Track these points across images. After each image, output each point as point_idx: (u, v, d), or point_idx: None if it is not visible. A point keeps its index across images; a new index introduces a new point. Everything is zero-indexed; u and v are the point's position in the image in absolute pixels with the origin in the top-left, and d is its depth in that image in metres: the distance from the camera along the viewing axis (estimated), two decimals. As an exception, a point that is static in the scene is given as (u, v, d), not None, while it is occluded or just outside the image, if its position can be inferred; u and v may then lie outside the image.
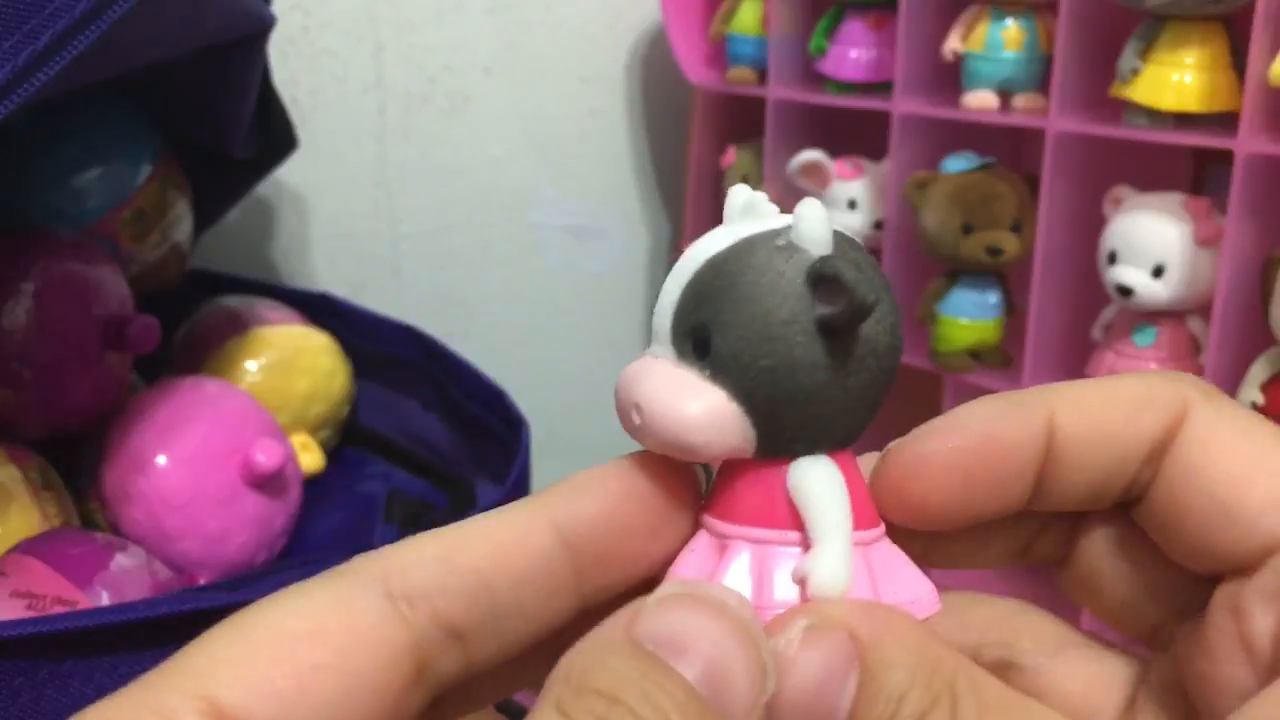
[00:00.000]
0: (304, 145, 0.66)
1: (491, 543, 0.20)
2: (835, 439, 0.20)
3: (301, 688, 0.18)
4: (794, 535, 0.20)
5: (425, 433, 0.61)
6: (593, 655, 0.18)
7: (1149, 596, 0.23)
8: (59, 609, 0.42)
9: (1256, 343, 0.57)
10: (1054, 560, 0.24)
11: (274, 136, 0.63)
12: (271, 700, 0.18)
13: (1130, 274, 0.61)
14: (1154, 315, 0.62)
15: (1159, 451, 0.21)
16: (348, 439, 0.64)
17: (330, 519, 0.57)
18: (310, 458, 0.57)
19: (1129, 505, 0.22)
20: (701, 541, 0.21)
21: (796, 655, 0.18)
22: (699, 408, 0.19)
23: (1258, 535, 0.20)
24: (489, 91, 0.81)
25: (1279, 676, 0.19)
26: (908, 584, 0.21)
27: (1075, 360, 0.67)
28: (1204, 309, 0.61)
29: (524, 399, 0.56)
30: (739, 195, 0.21)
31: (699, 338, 0.20)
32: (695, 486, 0.21)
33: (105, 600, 0.43)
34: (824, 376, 0.20)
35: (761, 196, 0.21)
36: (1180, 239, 0.59)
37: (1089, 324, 0.66)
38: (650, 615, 0.18)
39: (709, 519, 0.21)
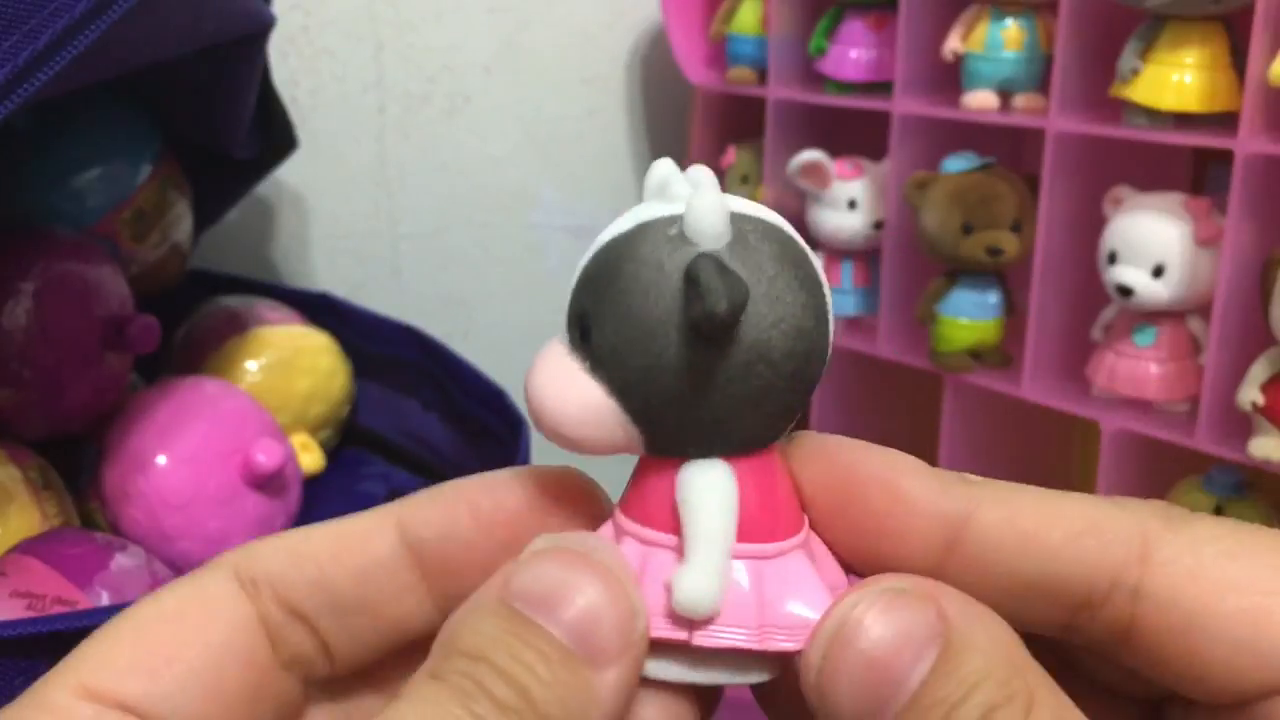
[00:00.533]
0: (304, 145, 0.66)
1: (333, 537, 0.21)
2: (732, 444, 0.19)
3: (167, 660, 0.19)
4: (671, 539, 0.19)
5: (425, 433, 0.61)
6: (463, 619, 0.19)
7: (1144, 691, 0.21)
8: (59, 609, 0.42)
9: (1257, 343, 0.57)
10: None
11: (274, 136, 0.63)
12: (141, 675, 0.19)
13: (1130, 274, 0.61)
14: (1154, 315, 0.62)
15: (1113, 593, 0.20)
16: (348, 439, 0.64)
17: (330, 519, 0.57)
18: (310, 458, 0.57)
19: (1102, 648, 0.21)
20: (605, 532, 0.20)
21: (876, 614, 0.18)
22: (575, 402, 0.19)
23: (1265, 675, 0.19)
24: (489, 91, 0.81)
25: None
26: (808, 605, 0.19)
27: (1075, 360, 0.67)
28: (1204, 309, 0.60)
29: (524, 399, 0.56)
30: (655, 172, 0.20)
31: (583, 326, 0.19)
32: (584, 509, 0.21)
33: (105, 600, 0.43)
34: (702, 381, 0.18)
35: (677, 174, 0.19)
36: (1180, 239, 0.59)
37: (1089, 324, 0.66)
38: (517, 573, 0.19)
39: (617, 511, 0.20)
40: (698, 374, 0.18)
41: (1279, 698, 0.19)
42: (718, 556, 0.19)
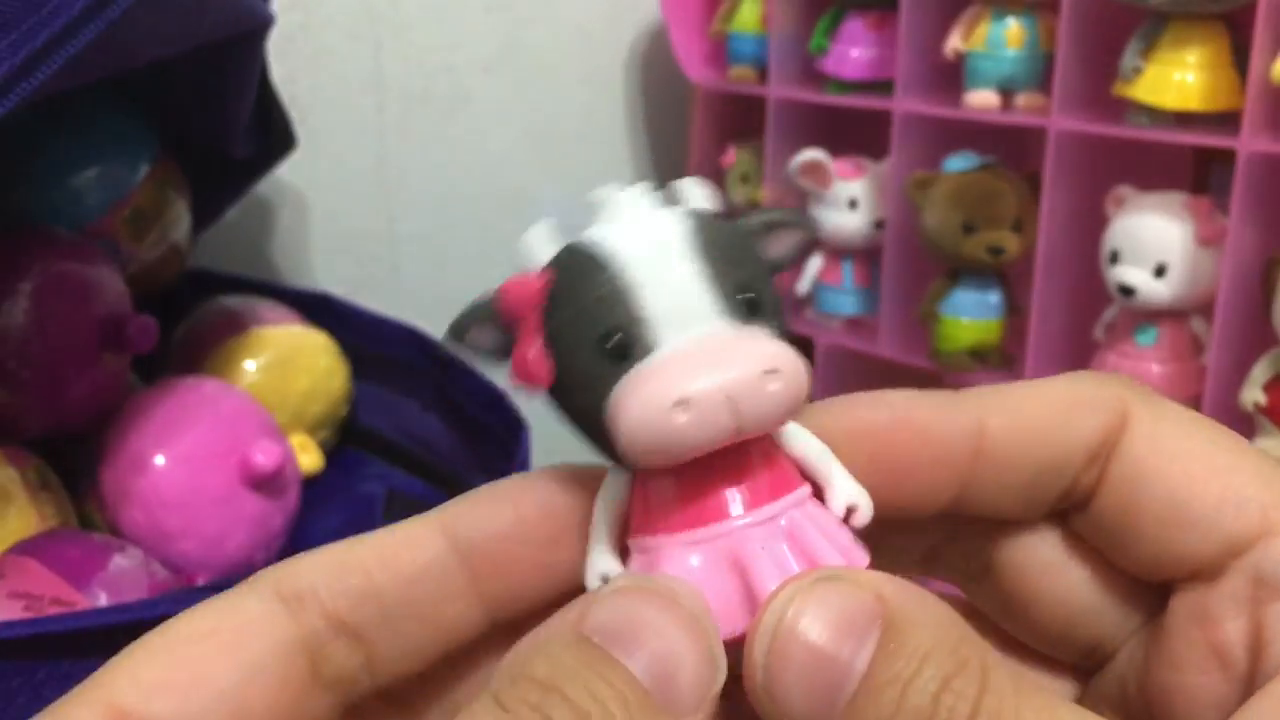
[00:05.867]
0: (303, 144, 0.66)
1: (379, 545, 0.21)
2: None
3: (196, 681, 0.19)
4: (805, 489, 0.20)
5: (425, 433, 0.61)
6: (537, 646, 0.18)
7: (1090, 611, 0.22)
8: (56, 610, 0.42)
9: (1259, 343, 0.57)
10: (965, 573, 0.23)
11: (273, 135, 0.62)
12: (169, 694, 0.18)
13: (1132, 274, 0.60)
14: (1156, 315, 0.62)
15: (1099, 456, 0.21)
16: (347, 439, 0.64)
17: (329, 519, 0.57)
18: (309, 458, 0.57)
19: (1065, 514, 0.22)
20: (635, 565, 0.20)
21: (812, 606, 0.18)
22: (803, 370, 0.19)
23: (1217, 536, 0.19)
24: (489, 90, 0.81)
25: (1258, 683, 0.19)
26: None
27: (1077, 360, 0.66)
28: (1206, 309, 0.60)
29: (524, 399, 0.56)
30: (611, 192, 0.21)
31: (749, 295, 0.19)
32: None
33: (103, 601, 0.43)
34: None
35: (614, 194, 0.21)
36: (1182, 238, 0.59)
37: (1091, 324, 0.66)
38: (598, 607, 0.18)
39: (642, 536, 0.20)
40: None
41: (1203, 592, 0.20)
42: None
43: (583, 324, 0.19)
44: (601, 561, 0.20)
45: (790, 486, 0.20)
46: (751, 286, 0.19)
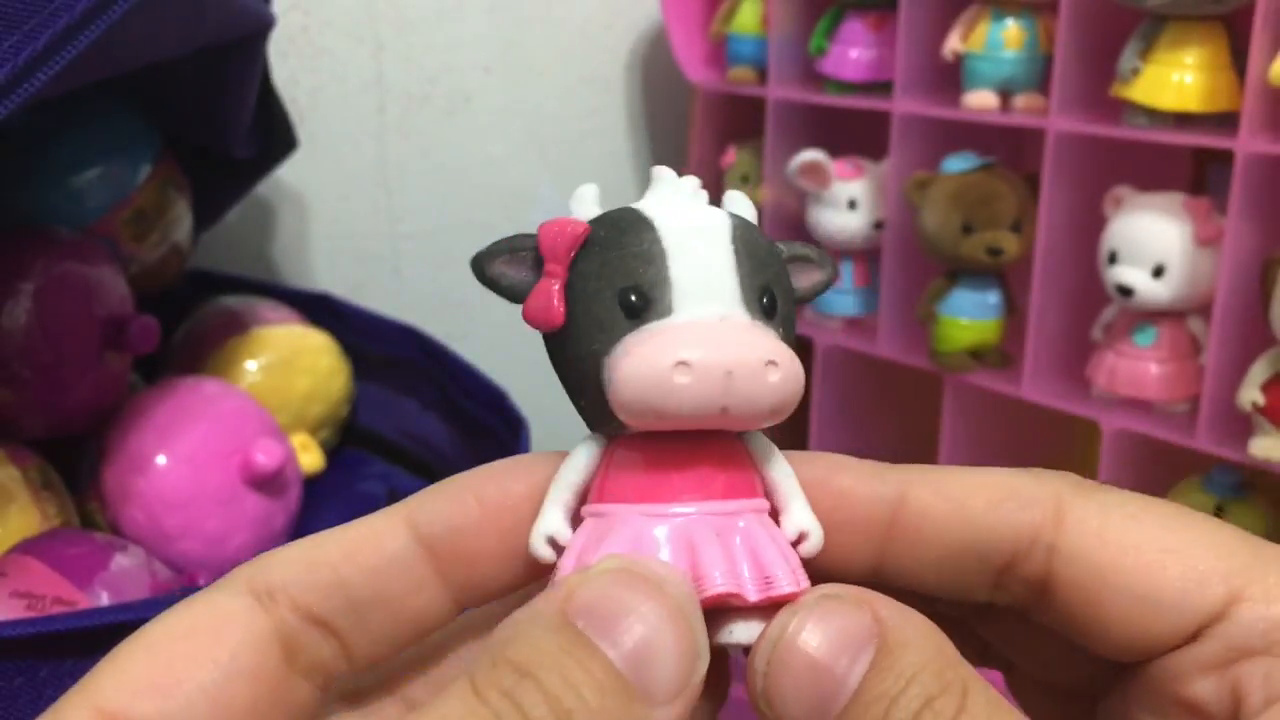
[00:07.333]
0: (304, 145, 0.66)
1: (345, 540, 0.21)
2: None
3: (176, 679, 0.19)
4: (764, 503, 0.21)
5: (425, 433, 0.61)
6: (518, 627, 0.18)
7: (1073, 672, 0.23)
8: (58, 609, 0.42)
9: (1257, 342, 0.57)
10: (964, 611, 0.24)
11: (274, 136, 0.63)
12: (151, 694, 0.19)
13: (1130, 274, 0.61)
14: (1154, 315, 0.62)
15: (1029, 552, 0.21)
16: (347, 439, 0.64)
17: (330, 519, 0.57)
18: (310, 458, 0.57)
19: (1028, 609, 0.22)
20: (595, 528, 0.20)
21: (814, 621, 0.19)
22: (799, 370, 0.20)
23: (1188, 618, 0.20)
24: (489, 91, 0.81)
25: None
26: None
27: (1075, 360, 0.67)
28: (1204, 309, 0.61)
29: (524, 399, 0.56)
30: (669, 172, 0.21)
31: (768, 298, 0.20)
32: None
33: (105, 600, 0.43)
34: None
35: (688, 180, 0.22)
36: (1180, 239, 0.59)
37: (1089, 324, 0.66)
38: (583, 588, 0.18)
39: (607, 504, 0.20)
40: None
41: (1174, 654, 0.20)
42: None
43: (610, 273, 0.20)
44: (550, 524, 0.21)
45: (749, 493, 0.21)
46: (773, 291, 0.20)
